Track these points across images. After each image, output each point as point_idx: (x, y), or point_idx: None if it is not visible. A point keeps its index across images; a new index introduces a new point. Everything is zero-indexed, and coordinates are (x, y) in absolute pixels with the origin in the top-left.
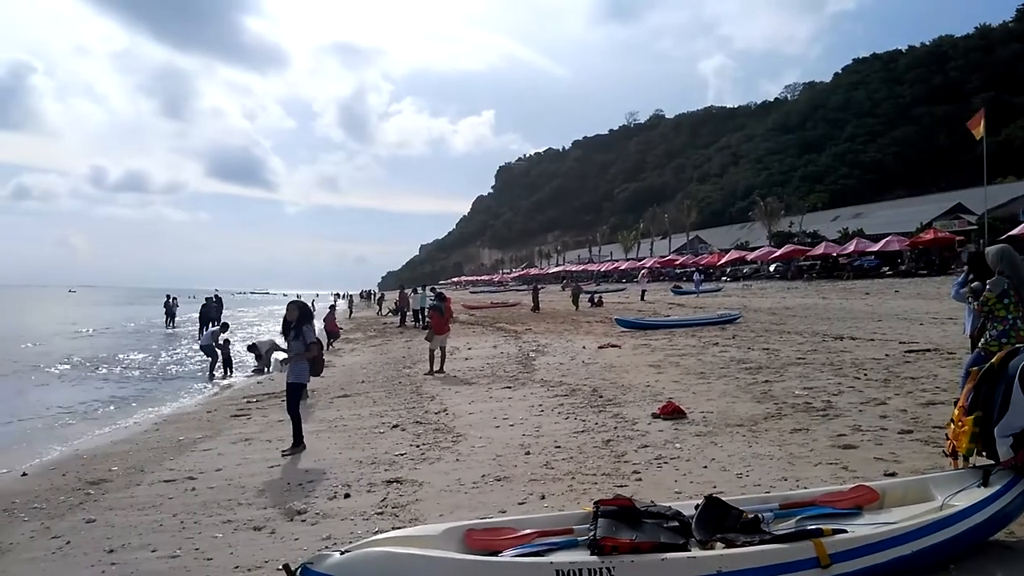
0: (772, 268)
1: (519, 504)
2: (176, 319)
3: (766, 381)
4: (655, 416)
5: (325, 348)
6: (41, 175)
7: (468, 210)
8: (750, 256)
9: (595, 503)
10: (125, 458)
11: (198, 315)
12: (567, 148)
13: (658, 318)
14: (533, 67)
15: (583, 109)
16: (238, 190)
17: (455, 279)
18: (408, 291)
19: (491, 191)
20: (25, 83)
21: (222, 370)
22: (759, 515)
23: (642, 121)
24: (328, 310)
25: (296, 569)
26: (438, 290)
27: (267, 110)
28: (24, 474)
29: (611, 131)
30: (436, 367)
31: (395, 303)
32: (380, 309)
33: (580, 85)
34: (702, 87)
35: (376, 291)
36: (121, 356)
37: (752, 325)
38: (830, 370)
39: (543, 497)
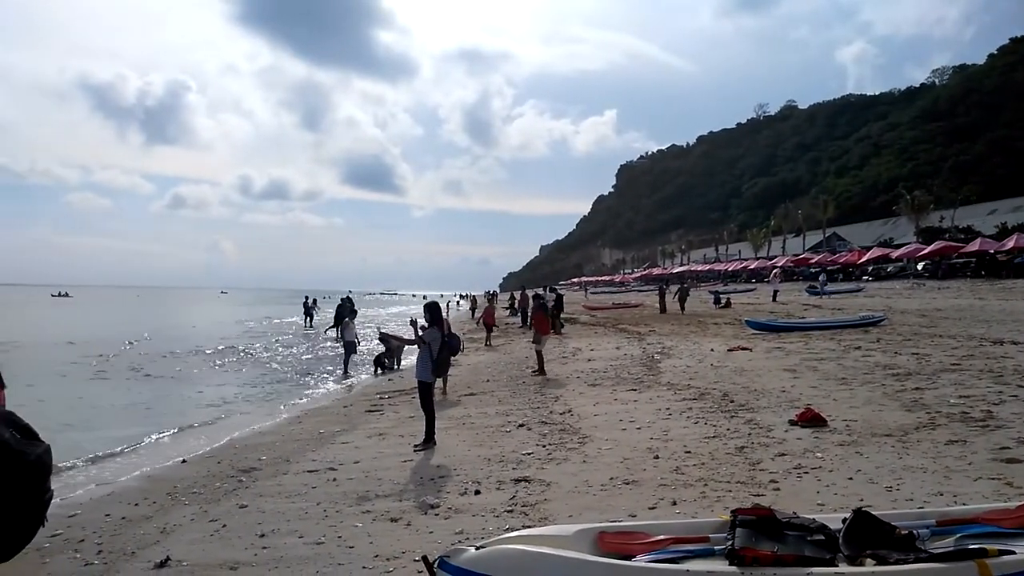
0: (920, 267)
1: (650, 509)
2: (314, 319)
3: (916, 388)
4: (792, 423)
5: (485, 340)
6: (195, 185)
7: (588, 210)
8: (895, 254)
9: (732, 512)
10: (272, 448)
11: (333, 314)
12: (691, 144)
13: (792, 320)
14: (656, 63)
15: (708, 103)
16: (369, 195)
17: (575, 280)
18: (529, 292)
19: (612, 190)
20: (181, 101)
21: (349, 366)
22: (914, 531)
23: (772, 113)
24: (487, 303)
25: (433, 561)
26: (559, 291)
27: (396, 118)
28: (184, 461)
29: (739, 124)
30: (540, 368)
31: (516, 303)
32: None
33: (706, 79)
34: (839, 76)
35: (497, 291)
36: (266, 353)
37: (898, 328)
38: (989, 377)
39: (674, 503)
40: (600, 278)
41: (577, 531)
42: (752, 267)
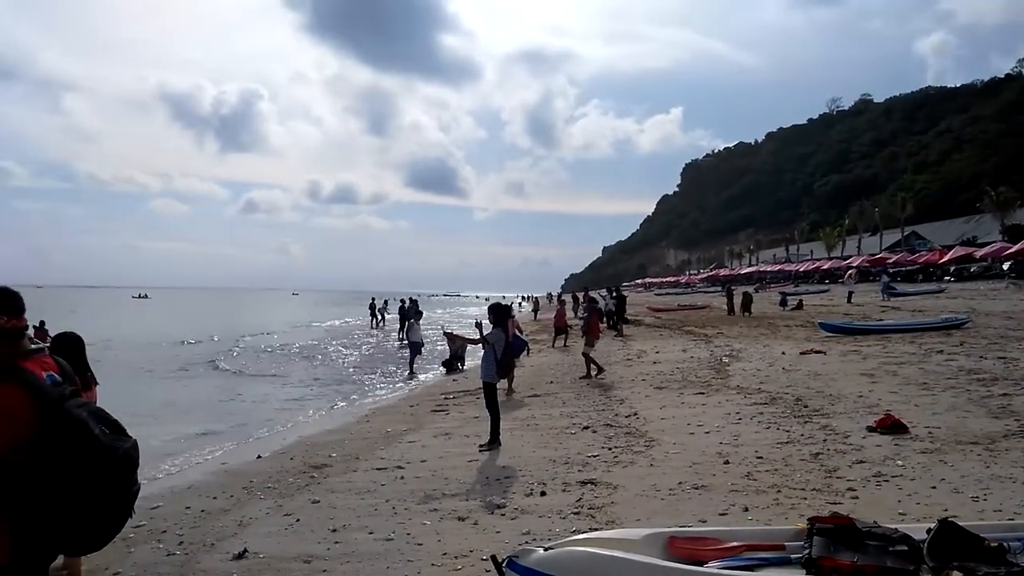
0: (1006, 267)
1: (720, 515)
2: (381, 319)
3: (1004, 394)
4: (871, 429)
5: (554, 342)
6: (267, 190)
7: (652, 210)
8: (979, 253)
9: (809, 519)
10: (342, 446)
11: (398, 315)
12: (760, 141)
13: (869, 322)
14: (722, 59)
15: (778, 99)
16: (433, 198)
17: (639, 281)
18: (593, 293)
19: (676, 190)
20: (254, 109)
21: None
22: (1004, 544)
23: (846, 107)
24: (559, 305)
25: (502, 561)
26: (622, 292)
27: (460, 122)
28: (259, 456)
29: (810, 120)
30: (593, 372)
31: (580, 305)
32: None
33: (774, 74)
34: (918, 68)
35: (558, 293)
36: (335, 353)
37: (983, 330)
38: None
39: (746, 509)
40: (664, 279)
41: (647, 535)
42: (825, 267)
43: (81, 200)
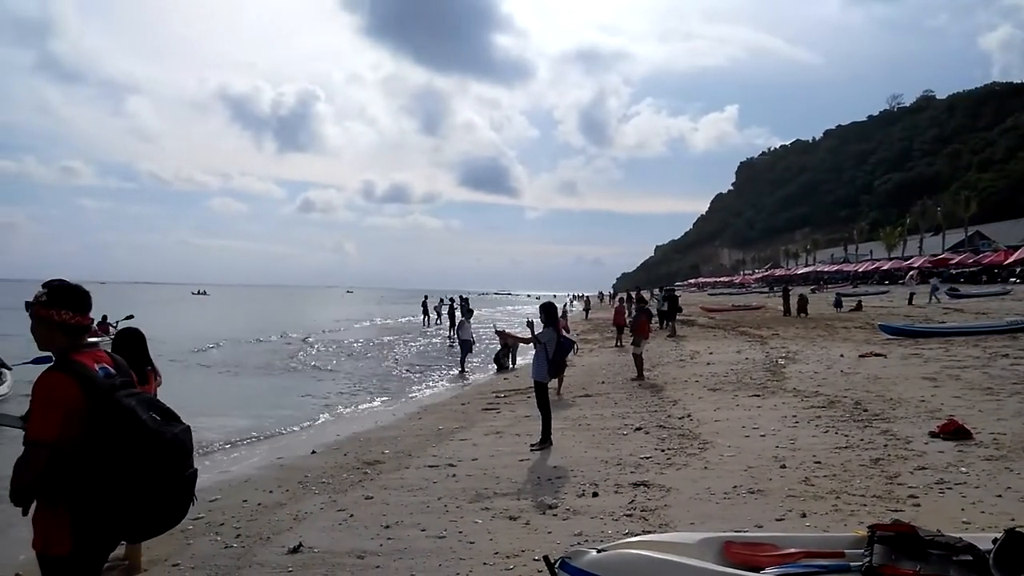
0: None
1: (777, 520)
2: (433, 317)
3: None
4: (933, 435)
5: (617, 340)
6: (323, 190)
7: (706, 209)
8: None
9: (869, 527)
10: (394, 443)
11: (447, 313)
12: (818, 139)
13: (931, 324)
14: (780, 56)
15: (837, 96)
16: (485, 197)
17: (691, 281)
18: (644, 293)
19: (731, 188)
20: (311, 110)
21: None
22: None
23: (907, 104)
24: (618, 303)
25: (555, 561)
26: (675, 291)
27: (512, 121)
28: (313, 452)
29: (870, 117)
30: (637, 375)
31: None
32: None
33: (833, 71)
34: (982, 63)
35: (609, 292)
36: (387, 350)
37: None
38: None
39: (804, 515)
40: (718, 279)
41: (702, 539)
42: (885, 268)
43: (143, 199)
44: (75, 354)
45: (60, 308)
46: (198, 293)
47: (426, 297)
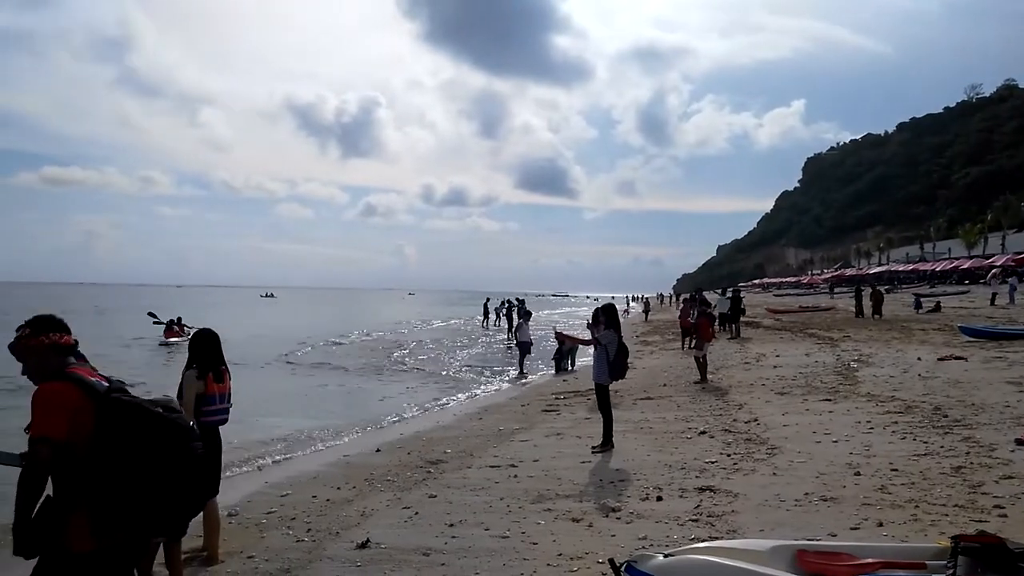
0: None
1: (852, 529)
2: (496, 318)
3: None
4: (1020, 442)
5: (683, 343)
6: (384, 194)
7: (771, 207)
8: None
9: (953, 538)
10: (456, 442)
11: (505, 315)
12: (890, 132)
13: (1016, 326)
14: (848, 47)
15: (910, 87)
16: (542, 199)
17: (756, 281)
18: (709, 294)
19: (798, 185)
20: (373, 117)
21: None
22: None
23: (987, 94)
24: (684, 304)
25: (620, 565)
26: (738, 292)
27: (570, 122)
28: (378, 450)
29: (946, 109)
30: (699, 377)
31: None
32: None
33: (905, 61)
34: None
35: (670, 294)
36: (448, 350)
37: None
38: None
39: (880, 524)
40: (784, 279)
41: (773, 547)
42: (965, 267)
43: (216, 206)
44: (71, 368)
45: (47, 332)
46: (266, 296)
47: (488, 299)
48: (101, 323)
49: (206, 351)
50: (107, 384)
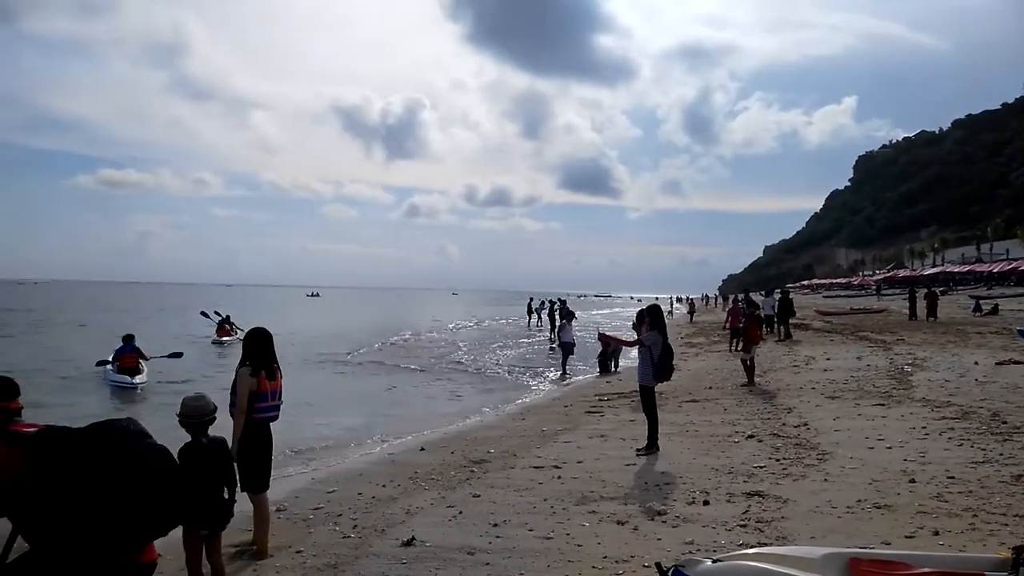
0: None
1: (907, 537)
2: (537, 319)
3: None
4: None
5: (731, 345)
6: (427, 195)
7: (820, 206)
8: None
9: (1014, 548)
10: (499, 442)
11: (548, 315)
12: (945, 129)
13: None
14: (901, 43)
15: (966, 83)
16: (585, 199)
17: (804, 282)
18: (754, 295)
19: (848, 184)
20: (417, 118)
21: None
22: None
23: None
24: (733, 304)
25: (667, 569)
26: (787, 293)
27: (614, 121)
28: (422, 449)
29: (1005, 105)
30: (748, 380)
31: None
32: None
33: (961, 56)
34: None
35: (714, 294)
36: (491, 350)
37: None
38: None
39: (936, 533)
40: (834, 280)
41: (825, 554)
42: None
43: (264, 206)
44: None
45: None
46: (312, 295)
47: (532, 299)
48: (157, 321)
49: (259, 349)
50: (38, 428)
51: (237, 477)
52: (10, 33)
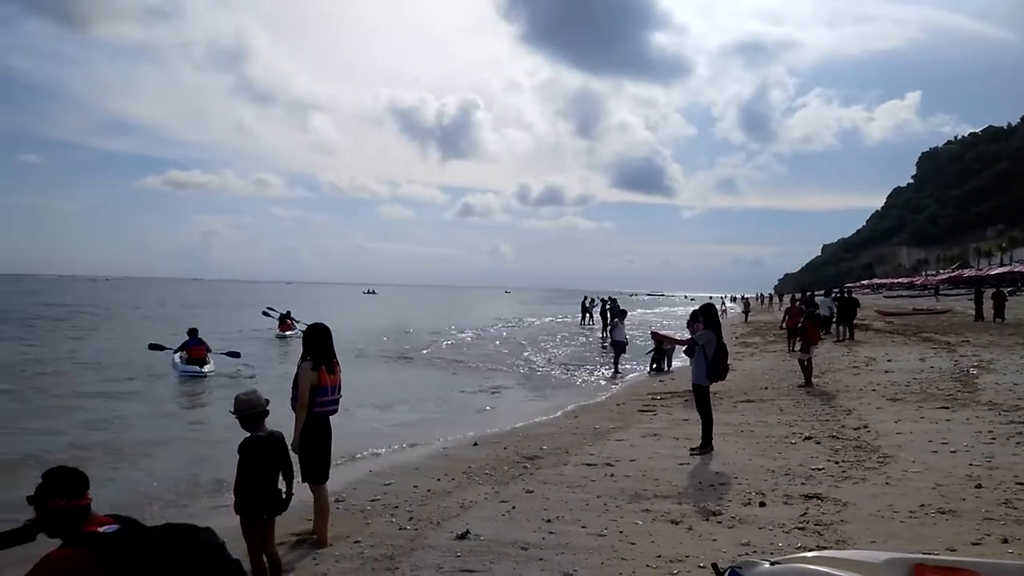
0: None
1: (973, 544)
2: (590, 318)
3: None
4: None
5: (789, 345)
6: (481, 195)
7: (881, 204)
8: None
9: None
10: (552, 439)
11: (599, 314)
12: (1014, 125)
13: None
14: (967, 35)
15: None
16: (638, 198)
17: (864, 282)
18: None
19: (911, 181)
20: (471, 119)
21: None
22: None
23: None
24: (791, 304)
25: (724, 570)
26: (849, 292)
27: (668, 120)
28: (475, 444)
29: None
30: (805, 380)
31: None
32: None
33: None
34: None
35: (769, 294)
36: (544, 348)
37: None
38: None
39: (1005, 541)
40: (896, 280)
41: (888, 559)
42: None
43: (323, 207)
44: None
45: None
46: (368, 292)
47: (585, 298)
48: (221, 317)
49: (319, 344)
50: (116, 527)
51: (294, 469)
52: (83, 40)
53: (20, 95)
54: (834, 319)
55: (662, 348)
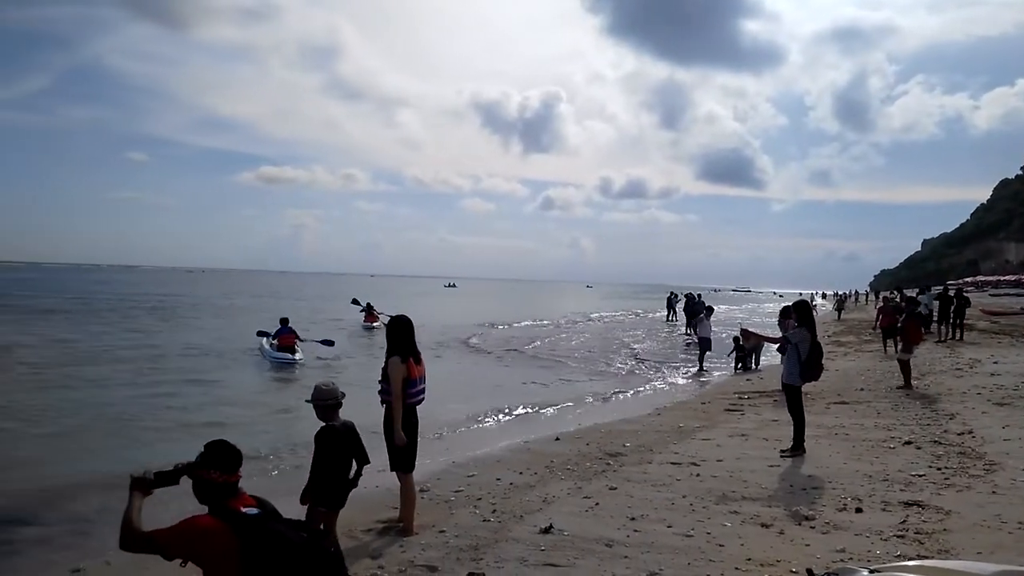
0: None
1: None
2: (672, 313)
3: None
4: None
5: (885, 346)
6: (562, 188)
7: (988, 197)
8: None
9: None
10: (635, 436)
11: (683, 310)
12: None
13: None
14: None
15: None
16: (725, 191)
17: (968, 279)
18: (909, 292)
19: (1020, 173)
20: (554, 112)
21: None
22: None
23: None
24: (884, 302)
25: None
26: (960, 290)
27: (758, 110)
28: (557, 439)
29: None
30: (906, 382)
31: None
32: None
33: None
34: None
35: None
36: (628, 344)
37: None
38: None
39: None
40: (1002, 278)
41: (996, 572)
42: None
43: (407, 201)
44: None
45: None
46: (449, 286)
47: (671, 293)
48: (312, 307)
49: (403, 336)
50: (257, 511)
51: (385, 459)
52: (181, 40)
53: (126, 95)
54: (934, 318)
55: (743, 347)
